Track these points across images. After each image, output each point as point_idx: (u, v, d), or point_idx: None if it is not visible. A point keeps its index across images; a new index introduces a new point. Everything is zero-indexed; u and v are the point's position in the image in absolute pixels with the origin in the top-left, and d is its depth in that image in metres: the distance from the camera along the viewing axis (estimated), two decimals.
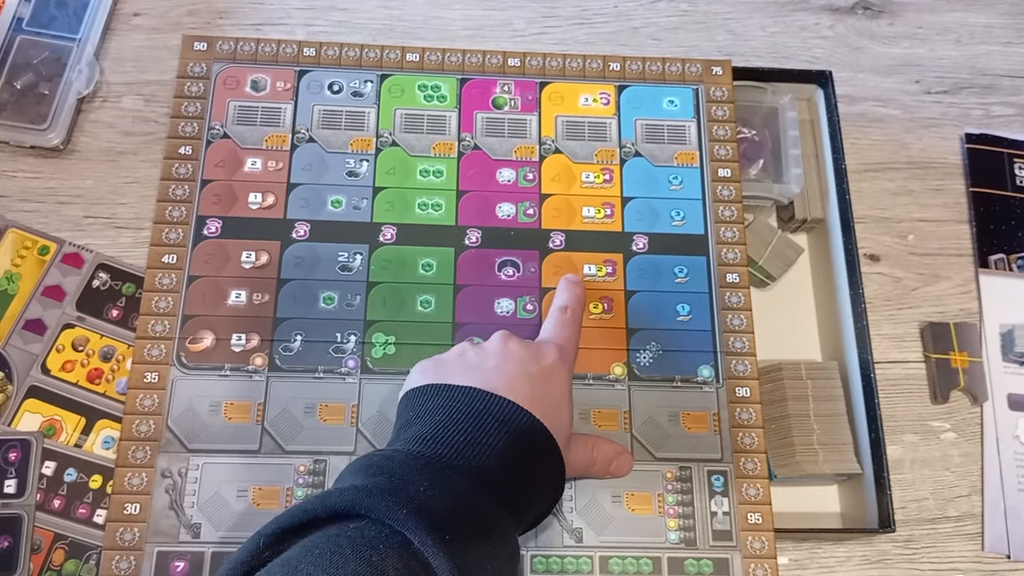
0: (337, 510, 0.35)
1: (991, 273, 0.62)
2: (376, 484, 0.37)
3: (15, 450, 0.50)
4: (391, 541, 0.34)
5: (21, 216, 0.56)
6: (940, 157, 0.66)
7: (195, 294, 0.52)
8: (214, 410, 0.50)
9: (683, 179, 0.58)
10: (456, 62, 0.60)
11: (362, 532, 0.34)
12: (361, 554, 0.33)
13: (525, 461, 0.41)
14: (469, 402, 0.42)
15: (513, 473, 0.40)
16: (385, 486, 0.36)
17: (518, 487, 0.41)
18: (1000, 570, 0.55)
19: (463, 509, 0.37)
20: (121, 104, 0.60)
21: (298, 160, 0.56)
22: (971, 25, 0.71)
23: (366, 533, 0.34)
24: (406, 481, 0.37)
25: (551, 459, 0.43)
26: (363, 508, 0.35)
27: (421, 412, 0.43)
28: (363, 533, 0.34)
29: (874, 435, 0.54)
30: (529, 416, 0.42)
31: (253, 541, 0.35)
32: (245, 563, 0.34)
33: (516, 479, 0.41)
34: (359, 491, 0.36)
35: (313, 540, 0.34)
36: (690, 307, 0.54)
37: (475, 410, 0.42)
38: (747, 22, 0.69)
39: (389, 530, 0.35)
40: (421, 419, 0.43)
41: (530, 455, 0.42)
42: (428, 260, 0.54)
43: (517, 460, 0.41)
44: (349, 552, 0.33)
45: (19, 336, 0.53)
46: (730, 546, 0.49)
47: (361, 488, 0.36)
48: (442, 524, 0.35)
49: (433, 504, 0.36)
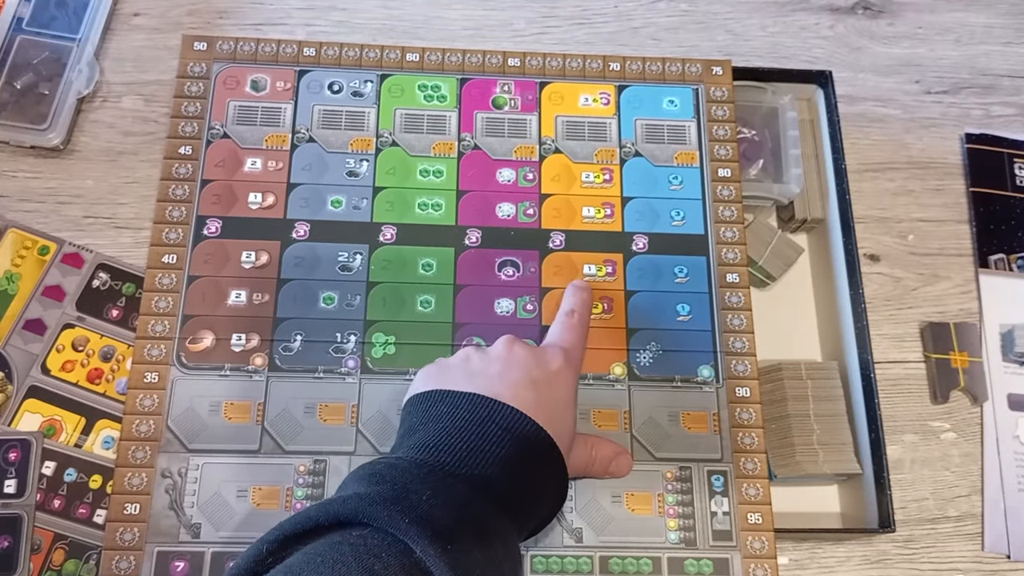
0: (340, 518, 0.36)
1: (991, 273, 0.62)
2: (379, 492, 0.37)
3: (15, 450, 0.50)
4: (393, 549, 0.34)
5: (21, 216, 0.56)
6: (940, 157, 0.66)
7: (195, 294, 0.52)
8: (214, 410, 0.50)
9: (683, 179, 0.58)
10: (456, 62, 0.60)
11: (365, 540, 0.34)
12: (363, 562, 0.33)
13: (528, 469, 0.41)
14: (472, 409, 0.42)
15: (516, 481, 0.40)
16: (388, 494, 0.36)
17: (521, 495, 0.41)
18: (1000, 570, 0.55)
19: (465, 518, 0.37)
20: (121, 104, 0.60)
21: (298, 160, 0.56)
22: (971, 25, 0.71)
23: (369, 541, 0.34)
24: (409, 490, 0.37)
25: (554, 466, 0.43)
26: (366, 516, 0.35)
27: (425, 419, 0.43)
28: (366, 541, 0.34)
29: (874, 435, 0.54)
30: (532, 423, 0.42)
31: (256, 547, 0.35)
32: (248, 569, 0.34)
33: (519, 487, 0.41)
34: (362, 499, 0.36)
35: (316, 547, 0.34)
36: (690, 307, 0.54)
37: (478, 417, 0.42)
38: (747, 22, 0.69)
39: (392, 538, 0.35)
40: (424, 426, 0.43)
41: (533, 462, 0.42)
42: (428, 260, 0.54)
43: (520, 468, 0.41)
44: (351, 560, 0.33)
45: (19, 336, 0.53)
46: (730, 546, 0.49)
47: (364, 496, 0.36)
48: (444, 533, 0.35)
49: (435, 513, 0.36)
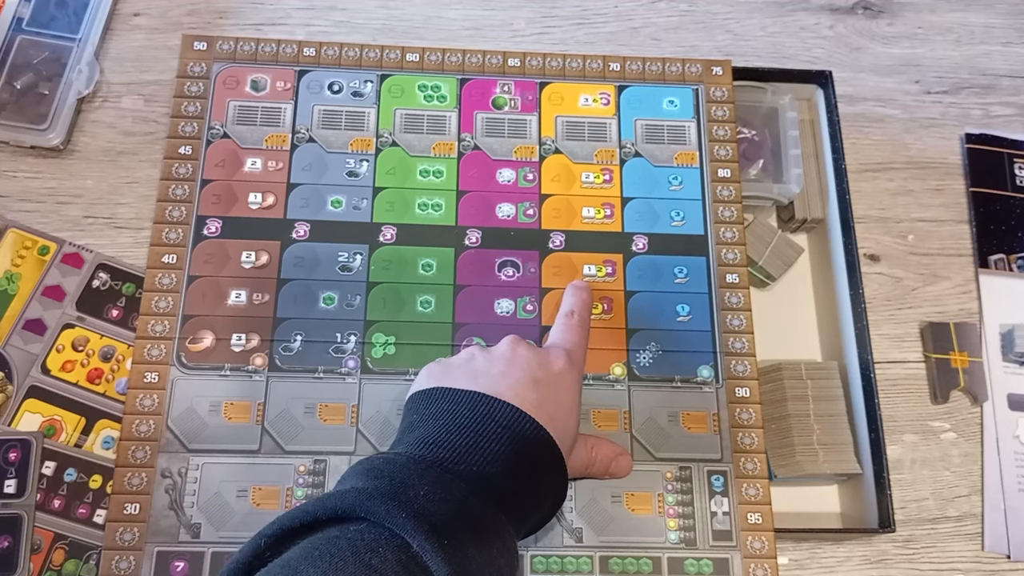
0: (338, 512, 0.36)
1: (991, 273, 0.62)
2: (377, 487, 0.37)
3: (15, 450, 0.50)
4: (390, 544, 0.34)
5: (21, 216, 0.56)
6: (940, 157, 0.66)
7: (195, 294, 0.52)
8: (214, 410, 0.50)
9: (683, 179, 0.58)
10: (456, 62, 0.60)
11: (362, 535, 0.34)
12: (360, 557, 0.33)
13: (527, 468, 0.41)
14: (473, 407, 0.42)
15: (515, 479, 0.40)
16: (385, 489, 0.36)
17: (519, 493, 0.41)
18: (1000, 570, 0.55)
19: (462, 514, 0.37)
20: (121, 104, 0.60)
21: (298, 160, 0.56)
22: (971, 25, 0.71)
23: (366, 536, 0.34)
24: (406, 485, 0.37)
25: (554, 466, 0.43)
26: (363, 511, 0.35)
27: (425, 416, 0.43)
28: (363, 536, 0.34)
29: (874, 435, 0.54)
30: (533, 423, 0.42)
31: (254, 541, 0.35)
32: (246, 563, 0.35)
33: (517, 485, 0.41)
34: (360, 494, 0.36)
35: (313, 542, 0.35)
36: (690, 307, 0.54)
37: (479, 415, 0.42)
38: (747, 22, 0.69)
39: (389, 533, 0.35)
40: (425, 423, 0.43)
41: (532, 462, 0.42)
42: (428, 260, 0.54)
43: (519, 466, 0.41)
44: (348, 554, 0.33)
45: (19, 336, 0.53)
46: (730, 546, 0.49)
47: (362, 491, 0.36)
48: (441, 528, 0.35)
49: (433, 508, 0.36)
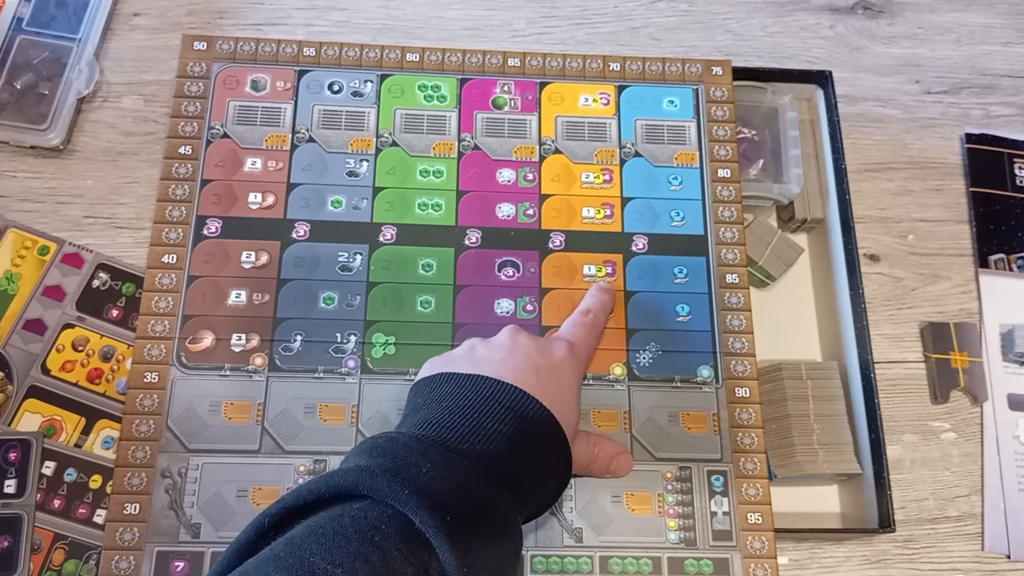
0: (341, 490, 0.36)
1: (991, 273, 0.62)
2: (379, 465, 0.37)
3: (15, 450, 0.50)
4: (393, 521, 0.34)
5: (21, 216, 0.56)
6: (940, 157, 0.66)
7: (195, 294, 0.52)
8: (214, 410, 0.50)
9: (683, 179, 0.58)
10: (456, 62, 0.60)
11: (365, 512, 0.35)
12: (364, 534, 0.33)
13: (530, 448, 0.41)
14: (475, 389, 0.42)
15: (517, 459, 0.41)
16: (388, 467, 0.37)
17: (522, 473, 0.41)
18: (1000, 570, 0.55)
19: (465, 491, 0.37)
20: (121, 104, 0.60)
21: (298, 160, 0.56)
22: (971, 25, 0.71)
23: (369, 513, 0.35)
24: (408, 463, 0.37)
25: (557, 447, 0.43)
26: (366, 488, 0.36)
27: (429, 399, 0.44)
28: (366, 513, 0.35)
29: (874, 435, 0.54)
30: (536, 403, 0.42)
31: (258, 520, 0.36)
32: (250, 542, 0.35)
33: (520, 465, 0.41)
34: (362, 472, 0.36)
35: (317, 520, 0.35)
36: (690, 307, 0.54)
37: (481, 396, 0.42)
38: (747, 22, 0.69)
39: (391, 510, 0.35)
40: (428, 405, 0.43)
41: (535, 442, 0.42)
42: (428, 260, 0.54)
43: (522, 446, 0.41)
44: (352, 532, 0.33)
45: (19, 336, 0.53)
46: (730, 546, 0.49)
47: (364, 469, 0.36)
48: (443, 505, 0.35)
49: (435, 485, 0.36)
